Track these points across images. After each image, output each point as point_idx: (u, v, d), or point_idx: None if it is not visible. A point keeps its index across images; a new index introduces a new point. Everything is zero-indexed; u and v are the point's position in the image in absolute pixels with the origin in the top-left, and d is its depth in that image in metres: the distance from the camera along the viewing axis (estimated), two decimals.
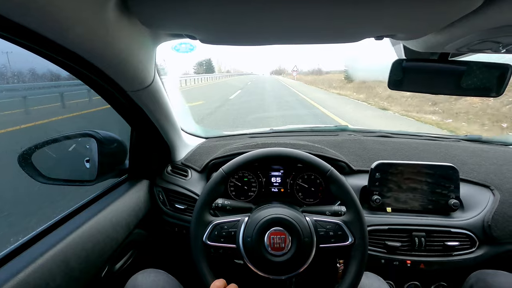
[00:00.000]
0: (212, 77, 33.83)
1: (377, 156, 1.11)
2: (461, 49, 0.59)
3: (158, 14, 0.47)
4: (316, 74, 45.32)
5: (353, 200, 0.71)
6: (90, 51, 0.49)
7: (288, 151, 0.76)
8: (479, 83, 0.75)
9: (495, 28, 0.46)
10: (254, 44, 0.66)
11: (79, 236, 0.69)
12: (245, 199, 1.09)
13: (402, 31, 0.56)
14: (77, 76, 0.60)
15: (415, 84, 0.81)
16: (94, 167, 0.92)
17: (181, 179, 1.08)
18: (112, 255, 0.79)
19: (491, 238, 0.89)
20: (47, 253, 0.60)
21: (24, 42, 0.42)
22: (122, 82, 0.65)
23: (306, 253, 0.68)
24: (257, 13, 0.46)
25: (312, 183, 1.07)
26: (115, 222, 0.82)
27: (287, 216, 0.69)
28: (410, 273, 0.95)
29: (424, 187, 0.97)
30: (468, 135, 1.36)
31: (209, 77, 31.05)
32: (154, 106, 0.83)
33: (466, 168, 1.03)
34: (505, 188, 0.96)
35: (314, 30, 0.55)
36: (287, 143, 1.14)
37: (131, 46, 0.56)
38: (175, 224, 1.04)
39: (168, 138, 1.01)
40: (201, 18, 0.48)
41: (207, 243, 0.70)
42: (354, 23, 0.51)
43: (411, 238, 0.91)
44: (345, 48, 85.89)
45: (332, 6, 0.44)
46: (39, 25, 0.39)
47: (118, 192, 0.94)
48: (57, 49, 0.45)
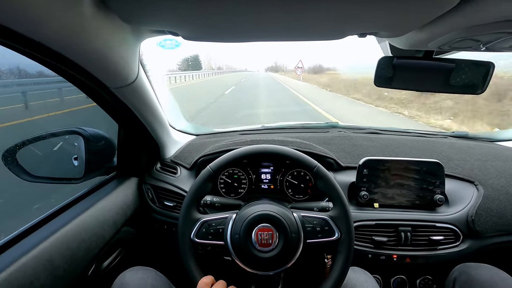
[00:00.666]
0: (199, 74, 29.00)
1: (366, 153, 1.12)
2: (443, 46, 0.59)
3: (137, 10, 0.46)
4: (317, 72, 37.24)
5: (339, 195, 0.72)
6: (67, 47, 0.49)
7: (275, 148, 0.77)
8: (466, 81, 0.76)
9: (474, 26, 0.47)
10: (236, 40, 0.66)
11: (64, 235, 0.68)
12: (235, 195, 1.09)
13: (384, 29, 0.56)
14: (59, 73, 0.59)
15: (404, 82, 0.82)
16: (82, 165, 0.91)
17: (170, 177, 1.08)
18: (98, 254, 0.79)
19: (475, 232, 0.91)
20: (30, 252, 0.59)
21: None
22: (104, 79, 0.64)
23: (293, 249, 0.68)
24: (238, 10, 0.46)
25: (302, 180, 1.07)
26: (102, 220, 0.82)
27: (274, 212, 0.69)
28: (397, 267, 0.97)
29: (410, 183, 0.98)
30: (455, 131, 1.38)
31: (194, 75, 26.34)
32: (139, 103, 0.82)
33: (451, 164, 1.05)
34: (488, 183, 0.98)
35: (297, 27, 0.55)
36: (276, 140, 1.15)
37: (111, 42, 0.55)
38: (164, 221, 1.04)
39: (156, 135, 1.00)
40: (181, 14, 0.48)
41: (195, 241, 0.70)
42: (337, 20, 0.51)
43: (397, 233, 0.93)
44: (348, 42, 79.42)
45: (314, 3, 0.44)
46: (10, 21, 0.38)
47: (106, 189, 0.93)
48: (33, 45, 0.44)
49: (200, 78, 26.75)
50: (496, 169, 1.03)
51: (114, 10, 0.47)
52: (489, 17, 0.44)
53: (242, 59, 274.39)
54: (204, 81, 23.01)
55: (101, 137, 0.95)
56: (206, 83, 21.17)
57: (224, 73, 46.89)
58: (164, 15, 0.49)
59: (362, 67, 23.59)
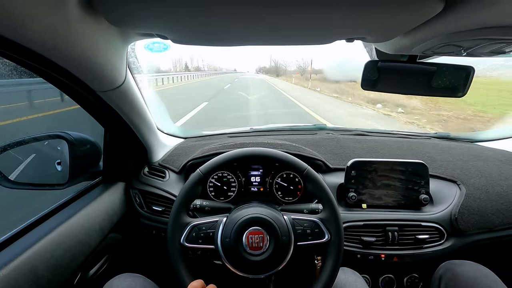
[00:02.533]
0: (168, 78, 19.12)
1: (354, 154, 1.14)
2: (426, 51, 0.61)
3: (126, 13, 0.45)
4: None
5: (329, 198, 0.72)
6: (52, 50, 0.47)
7: (265, 151, 0.77)
8: (447, 84, 0.79)
9: (455, 32, 0.49)
10: (226, 44, 0.66)
11: (47, 243, 0.66)
12: (225, 199, 1.08)
13: (370, 35, 0.58)
14: (43, 77, 0.57)
15: (389, 85, 0.84)
16: (66, 170, 0.88)
17: (159, 181, 1.06)
18: (85, 261, 0.77)
19: (458, 230, 0.94)
20: (12, 262, 0.57)
21: None
22: (90, 82, 0.63)
23: (284, 251, 0.68)
24: (227, 14, 0.46)
25: (291, 182, 1.08)
26: (87, 227, 0.80)
27: (265, 215, 0.70)
28: (385, 266, 0.99)
29: (397, 184, 1.01)
30: (438, 132, 1.43)
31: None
32: (127, 106, 0.80)
33: (435, 164, 1.09)
34: (470, 182, 1.02)
35: (285, 32, 0.56)
36: (265, 142, 1.15)
37: (98, 45, 0.54)
38: (153, 226, 1.02)
39: (144, 138, 0.98)
40: (170, 18, 0.48)
41: (185, 245, 0.70)
42: (325, 26, 0.52)
43: (385, 233, 0.95)
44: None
45: (302, 9, 0.45)
46: None
47: (91, 195, 0.90)
48: (16, 48, 0.43)
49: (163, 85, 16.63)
50: (476, 168, 1.07)
51: (101, 13, 0.46)
52: (469, 24, 0.46)
53: (229, 58, 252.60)
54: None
55: (86, 141, 0.93)
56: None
57: (208, 76, 34.98)
58: (152, 19, 0.48)
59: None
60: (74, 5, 0.42)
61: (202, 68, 65.07)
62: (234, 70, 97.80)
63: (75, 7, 0.43)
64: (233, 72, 78.25)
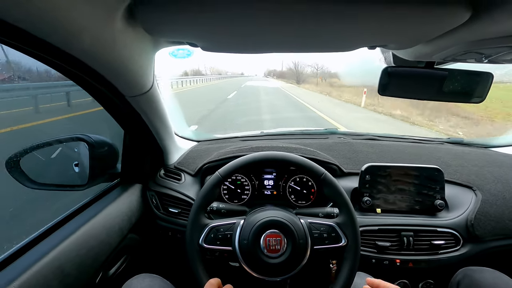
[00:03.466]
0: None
1: (366, 159, 1.14)
2: (447, 58, 0.62)
3: (162, 22, 0.47)
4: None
5: (346, 202, 0.73)
6: (94, 57, 0.49)
7: (283, 155, 0.78)
8: (463, 90, 0.80)
9: (479, 40, 0.50)
10: (253, 52, 0.67)
11: (73, 242, 0.68)
12: (238, 202, 1.09)
13: (393, 42, 0.59)
14: (75, 81, 0.59)
15: (402, 90, 0.84)
16: (85, 171, 0.90)
17: (175, 183, 1.08)
18: (105, 261, 0.78)
19: (474, 237, 0.94)
20: (42, 259, 0.59)
21: (27, 49, 0.42)
22: (122, 88, 0.65)
23: (301, 255, 0.69)
24: (257, 23, 0.48)
25: (304, 186, 1.09)
26: (108, 227, 0.81)
27: (283, 218, 0.70)
28: (400, 271, 0.98)
29: (411, 189, 1.01)
30: (450, 138, 1.42)
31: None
32: (151, 111, 0.83)
33: (450, 170, 1.08)
34: (486, 188, 1.01)
35: (312, 40, 0.57)
36: (280, 146, 1.16)
37: (133, 52, 0.56)
38: (169, 228, 1.04)
39: (162, 142, 1.00)
40: (203, 28, 0.49)
41: (203, 246, 0.71)
42: (349, 34, 0.53)
43: (400, 238, 0.95)
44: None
45: (329, 20, 0.46)
46: (47, 32, 0.39)
47: (111, 196, 0.92)
48: (60, 55, 0.45)
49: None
50: (492, 174, 1.06)
51: (140, 23, 0.48)
52: (494, 32, 0.47)
53: (235, 60, 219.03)
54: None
55: (104, 143, 0.95)
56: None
57: (202, 81, 26.71)
58: (187, 29, 0.50)
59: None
60: (120, 18, 0.45)
61: (204, 71, 58.30)
62: (241, 73, 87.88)
63: (120, 19, 0.45)
64: (240, 76, 70.34)
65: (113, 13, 0.42)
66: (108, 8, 0.41)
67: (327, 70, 54.33)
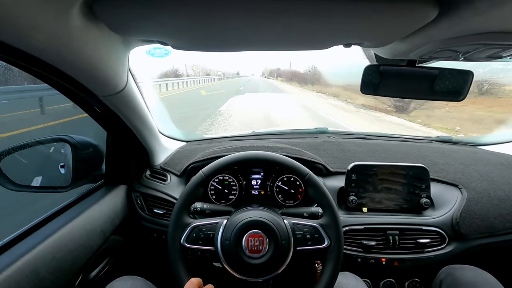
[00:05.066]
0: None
1: (354, 158, 1.14)
2: (424, 56, 0.62)
3: (126, 20, 0.47)
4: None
5: (330, 203, 0.73)
6: (56, 57, 0.48)
7: (267, 155, 0.77)
8: (449, 88, 0.79)
9: (450, 38, 0.49)
10: (225, 50, 0.67)
11: (49, 245, 0.67)
12: (226, 202, 1.09)
13: (367, 40, 0.58)
14: (47, 82, 0.58)
15: (390, 89, 0.84)
16: (69, 173, 0.89)
17: (160, 184, 1.07)
18: (86, 263, 0.78)
19: (459, 235, 0.94)
20: (14, 264, 0.58)
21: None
22: (93, 88, 0.64)
23: (283, 256, 0.69)
24: (227, 21, 0.47)
25: (292, 185, 1.08)
26: (89, 229, 0.81)
27: (265, 219, 0.70)
28: (385, 270, 0.98)
29: (397, 187, 1.01)
30: (439, 136, 1.43)
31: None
32: (128, 110, 0.82)
33: (436, 168, 1.08)
34: (471, 186, 1.01)
35: (284, 38, 0.57)
36: (265, 146, 1.15)
37: (100, 52, 0.55)
38: (154, 229, 1.03)
39: (146, 142, 1.00)
40: (169, 25, 0.49)
41: (185, 246, 0.70)
42: (323, 32, 0.53)
43: (385, 236, 0.95)
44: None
45: (301, 16, 0.46)
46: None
47: (94, 198, 0.91)
48: (20, 55, 0.44)
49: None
50: (478, 172, 1.06)
51: (102, 21, 0.47)
52: (463, 30, 0.47)
53: (227, 59, 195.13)
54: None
55: (89, 144, 0.94)
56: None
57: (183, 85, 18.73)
58: (153, 26, 0.49)
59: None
60: (77, 14, 0.43)
61: (184, 72, 45.57)
62: (237, 73, 75.95)
63: (78, 16, 0.44)
64: (235, 76, 57.84)
65: (69, 10, 0.41)
66: (61, 4, 0.40)
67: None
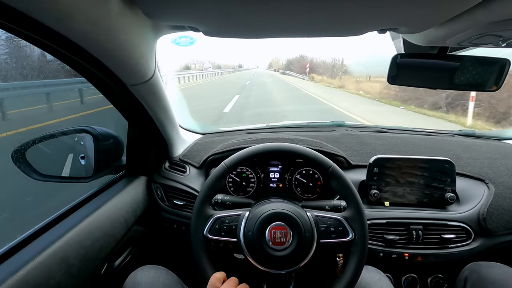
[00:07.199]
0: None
1: (375, 151, 1.11)
2: (462, 43, 0.59)
3: (162, 4, 0.46)
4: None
5: (354, 196, 0.71)
6: (92, 42, 0.48)
7: (291, 146, 0.76)
8: (475, 78, 0.76)
9: (497, 22, 0.47)
10: (257, 37, 0.65)
11: (77, 234, 0.68)
12: (244, 194, 1.09)
13: (404, 25, 0.56)
14: (78, 70, 0.58)
15: (411, 79, 0.82)
16: (90, 163, 0.90)
17: (179, 175, 1.07)
18: (110, 252, 0.79)
19: (486, 231, 0.91)
20: (46, 250, 0.59)
21: (24, 31, 0.41)
22: (123, 76, 0.64)
23: (306, 248, 0.68)
24: (261, 6, 0.46)
25: (310, 178, 1.07)
26: (113, 219, 0.81)
27: (289, 211, 0.69)
28: (408, 265, 0.97)
29: (421, 181, 0.98)
30: (462, 130, 1.38)
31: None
32: (154, 100, 0.82)
33: (461, 162, 1.05)
34: (499, 181, 0.98)
35: (318, 24, 0.55)
36: (286, 138, 1.14)
37: (133, 38, 0.55)
38: (174, 220, 1.04)
39: (166, 133, 1.00)
40: (204, 9, 0.48)
41: (208, 237, 0.70)
42: (358, 17, 0.51)
43: (408, 231, 0.93)
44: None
45: (338, 1, 0.44)
46: (39, 12, 0.37)
47: (116, 188, 0.92)
48: (58, 39, 0.44)
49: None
50: (506, 167, 1.03)
51: (138, 5, 0.47)
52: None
53: (228, 48, 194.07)
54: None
55: (109, 135, 0.94)
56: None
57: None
58: (187, 10, 0.48)
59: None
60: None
61: (189, 66, 37.68)
62: (239, 66, 70.00)
63: (117, 0, 0.43)
64: (235, 70, 50.94)
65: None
66: None
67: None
